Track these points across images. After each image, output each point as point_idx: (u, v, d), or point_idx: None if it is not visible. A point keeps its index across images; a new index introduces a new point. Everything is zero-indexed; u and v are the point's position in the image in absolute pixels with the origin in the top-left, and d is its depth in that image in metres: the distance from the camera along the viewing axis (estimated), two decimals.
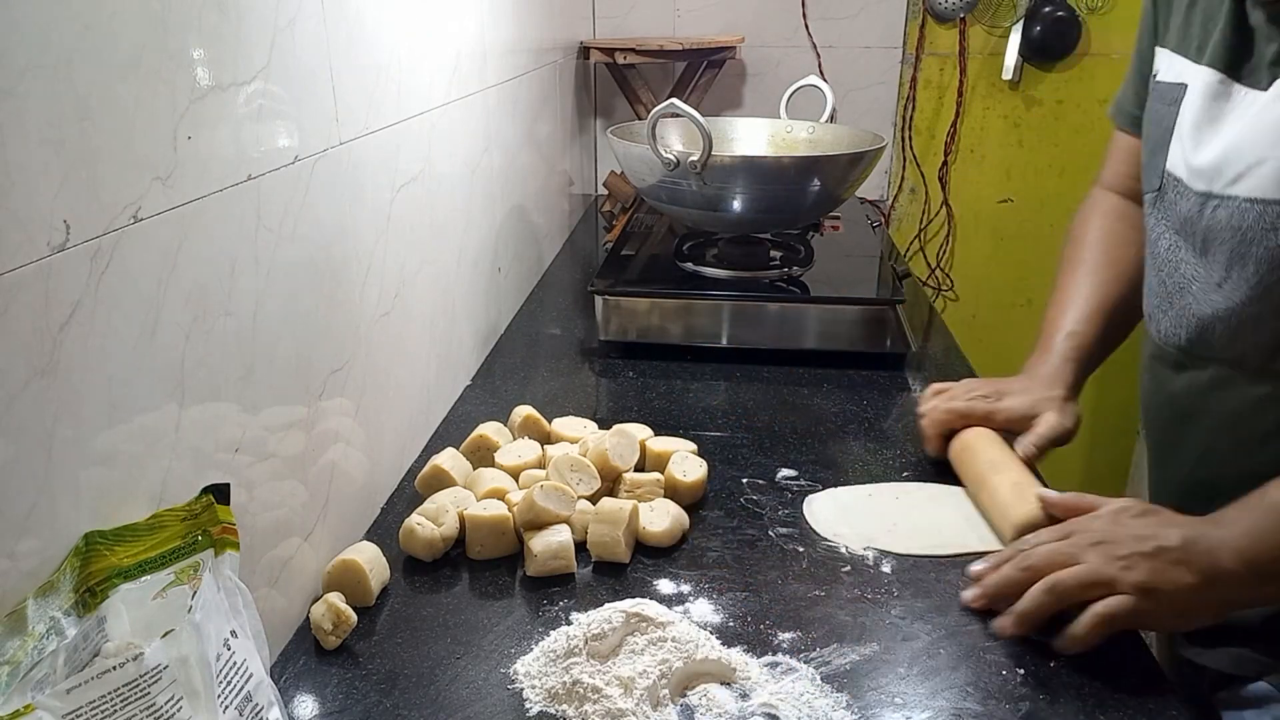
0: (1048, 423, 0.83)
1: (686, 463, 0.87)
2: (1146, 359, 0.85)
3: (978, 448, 0.85)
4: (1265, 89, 0.68)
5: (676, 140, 1.37)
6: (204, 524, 0.53)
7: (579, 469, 0.83)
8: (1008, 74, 1.92)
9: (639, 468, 0.88)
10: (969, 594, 0.71)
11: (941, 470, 0.92)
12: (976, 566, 0.72)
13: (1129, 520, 0.67)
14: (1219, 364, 0.75)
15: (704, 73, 1.85)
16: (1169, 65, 0.79)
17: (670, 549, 0.79)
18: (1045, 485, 0.79)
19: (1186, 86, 0.75)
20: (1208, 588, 0.62)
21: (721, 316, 1.18)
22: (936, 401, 0.91)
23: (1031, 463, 0.83)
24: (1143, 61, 0.86)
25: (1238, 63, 0.71)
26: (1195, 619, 0.66)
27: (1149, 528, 0.66)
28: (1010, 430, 0.86)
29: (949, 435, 0.89)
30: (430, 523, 0.77)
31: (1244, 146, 0.69)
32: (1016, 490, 0.77)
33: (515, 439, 0.93)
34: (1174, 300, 0.78)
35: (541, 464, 0.88)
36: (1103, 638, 0.63)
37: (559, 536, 0.76)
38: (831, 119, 1.41)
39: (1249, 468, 0.69)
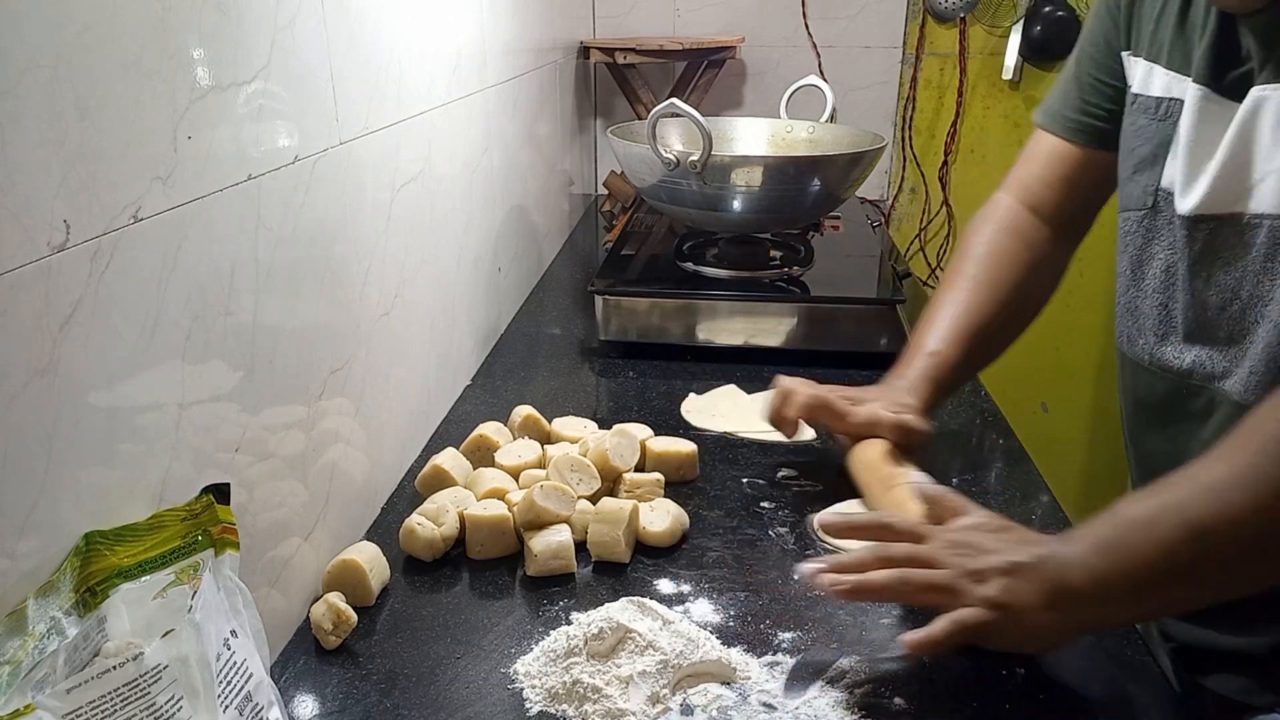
0: (909, 418, 0.84)
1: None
2: (1131, 403, 0.81)
3: (874, 461, 0.83)
4: (1241, 102, 0.65)
5: (676, 140, 1.37)
6: (204, 524, 0.53)
7: (579, 469, 0.83)
8: (1008, 74, 1.92)
9: (639, 468, 0.88)
10: (810, 567, 0.66)
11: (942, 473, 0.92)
12: (828, 517, 0.71)
13: (985, 535, 0.66)
14: (1221, 392, 0.70)
15: (704, 73, 1.85)
16: (1148, 76, 0.75)
17: (670, 549, 0.79)
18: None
19: (1182, 102, 0.71)
20: (1055, 607, 0.61)
21: (722, 316, 1.18)
22: (797, 384, 0.89)
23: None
24: (1095, 66, 0.82)
25: (1221, 76, 0.68)
26: (1044, 639, 0.64)
27: (1005, 544, 0.64)
28: (864, 434, 0.85)
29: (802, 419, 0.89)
30: (430, 522, 0.77)
31: (1240, 162, 0.66)
32: (897, 501, 0.77)
33: (515, 439, 0.93)
34: (1171, 326, 0.74)
35: (541, 464, 0.88)
36: (954, 645, 0.61)
37: (559, 536, 0.76)
38: (831, 119, 1.41)
39: None
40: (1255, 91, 0.65)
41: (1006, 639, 0.63)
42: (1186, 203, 0.70)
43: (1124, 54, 0.79)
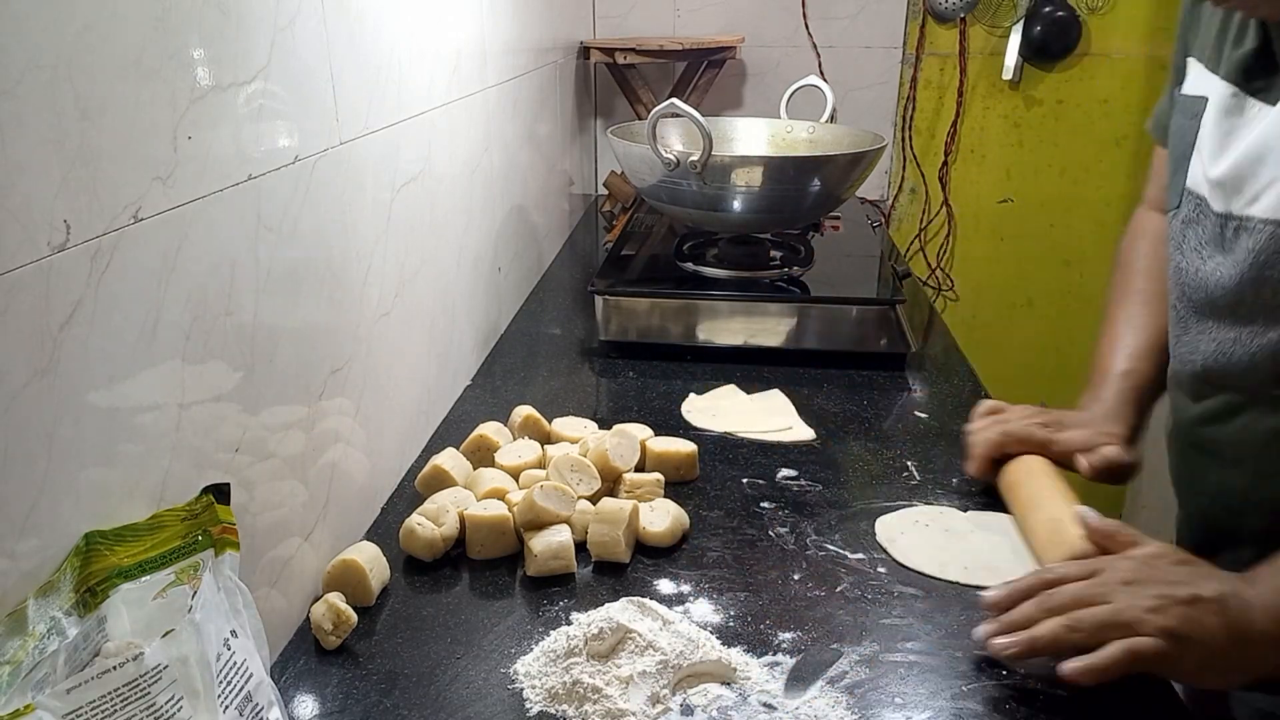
0: (1110, 451, 0.79)
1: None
2: (1167, 383, 0.82)
3: (1027, 478, 0.80)
4: (1274, 104, 0.65)
5: (676, 140, 1.37)
6: (204, 524, 0.53)
7: (579, 469, 0.83)
8: (1008, 74, 1.92)
9: (639, 468, 0.88)
10: (984, 629, 0.65)
11: (945, 474, 0.92)
12: (991, 594, 0.66)
13: (1165, 565, 0.63)
14: (1234, 392, 0.72)
15: (704, 73, 1.85)
16: (1195, 77, 0.76)
17: (670, 549, 0.79)
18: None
19: (1207, 100, 0.72)
20: (1237, 645, 0.59)
21: (722, 316, 1.18)
22: (989, 422, 0.85)
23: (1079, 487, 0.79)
24: (1176, 72, 0.82)
25: (1253, 76, 0.68)
26: (1219, 676, 0.61)
27: (1186, 575, 0.62)
28: (1067, 464, 0.81)
29: (998, 459, 0.84)
30: (430, 523, 0.77)
31: (1257, 164, 0.66)
32: (1055, 527, 0.73)
33: (515, 439, 0.93)
34: (1189, 323, 0.75)
35: (541, 464, 0.88)
36: (1122, 673, 0.59)
37: (559, 536, 0.76)
38: (831, 119, 1.41)
39: (1270, 505, 0.66)
40: None
41: (1182, 670, 0.60)
42: (1214, 202, 0.70)
43: (1189, 58, 0.78)
